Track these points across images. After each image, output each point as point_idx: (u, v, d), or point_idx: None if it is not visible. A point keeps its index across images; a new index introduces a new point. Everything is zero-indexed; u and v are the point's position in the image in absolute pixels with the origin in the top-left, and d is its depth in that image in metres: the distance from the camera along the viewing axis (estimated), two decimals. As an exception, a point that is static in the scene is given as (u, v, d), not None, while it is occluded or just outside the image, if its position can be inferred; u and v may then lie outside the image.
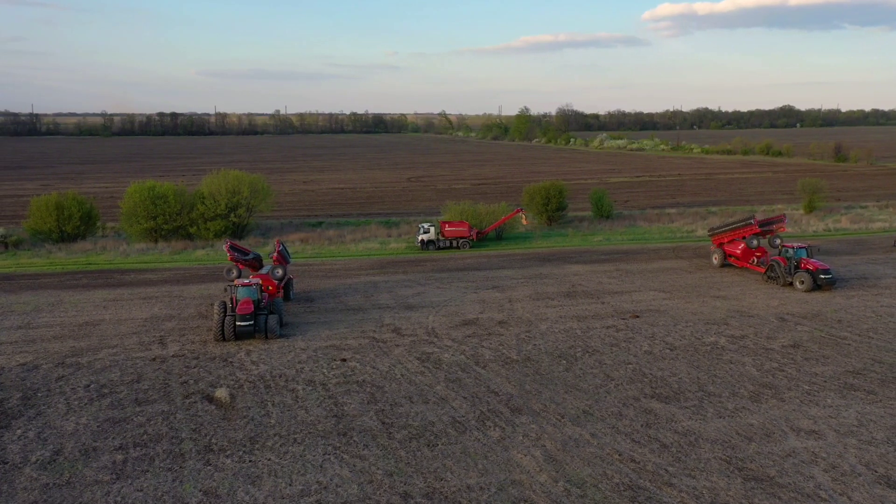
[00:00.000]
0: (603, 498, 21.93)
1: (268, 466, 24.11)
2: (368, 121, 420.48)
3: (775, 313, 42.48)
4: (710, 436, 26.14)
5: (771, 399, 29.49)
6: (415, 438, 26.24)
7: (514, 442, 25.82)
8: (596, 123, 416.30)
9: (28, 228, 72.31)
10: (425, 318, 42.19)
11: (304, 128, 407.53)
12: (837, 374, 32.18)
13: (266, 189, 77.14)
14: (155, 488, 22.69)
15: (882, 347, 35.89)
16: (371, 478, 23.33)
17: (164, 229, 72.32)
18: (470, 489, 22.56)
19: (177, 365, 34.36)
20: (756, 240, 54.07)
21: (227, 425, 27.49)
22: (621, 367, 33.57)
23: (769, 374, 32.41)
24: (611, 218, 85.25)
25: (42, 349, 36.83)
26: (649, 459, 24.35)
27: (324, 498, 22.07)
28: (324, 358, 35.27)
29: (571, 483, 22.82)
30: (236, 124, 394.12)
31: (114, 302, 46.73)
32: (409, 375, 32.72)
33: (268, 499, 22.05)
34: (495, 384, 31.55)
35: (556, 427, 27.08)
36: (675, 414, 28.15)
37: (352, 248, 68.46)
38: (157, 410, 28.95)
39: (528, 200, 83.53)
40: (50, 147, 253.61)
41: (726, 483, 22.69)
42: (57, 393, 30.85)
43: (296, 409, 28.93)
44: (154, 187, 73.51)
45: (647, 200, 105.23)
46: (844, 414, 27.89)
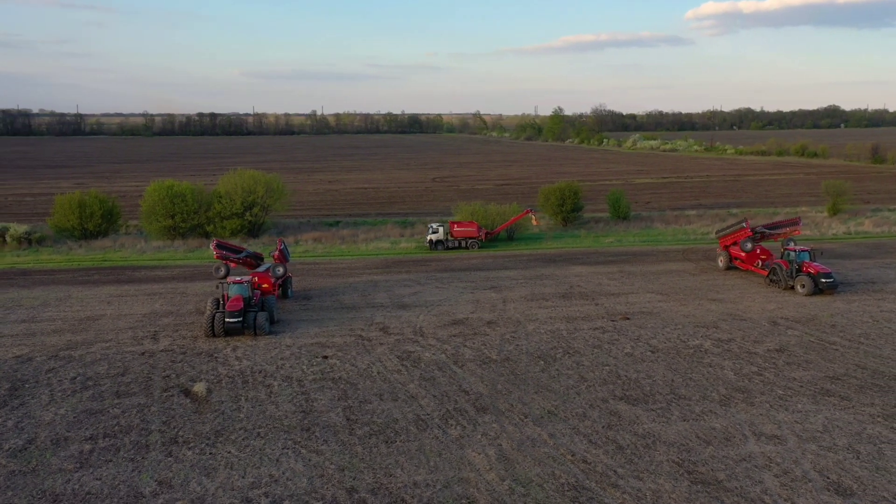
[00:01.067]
0: (545, 497, 22.08)
1: (226, 459, 24.75)
2: (404, 121, 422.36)
3: (769, 317, 41.92)
4: (669, 438, 26.06)
5: (740, 403, 29.24)
6: (375, 435, 26.66)
7: (471, 440, 26.07)
8: (633, 124, 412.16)
9: (52, 226, 74.51)
10: (416, 318, 42.59)
11: (339, 128, 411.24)
12: (815, 380, 31.73)
13: (281, 189, 78.30)
14: (113, 477, 23.49)
15: (869, 353, 35.25)
16: (322, 472, 23.81)
17: (182, 227, 73.86)
18: (416, 485, 22.89)
19: (163, 359, 35.31)
20: (750, 243, 53.33)
21: (197, 418, 28.24)
22: (598, 368, 33.55)
23: (746, 378, 32.10)
24: (628, 219, 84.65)
25: (39, 342, 38.12)
26: (601, 461, 24.40)
27: (272, 490, 22.61)
28: (306, 355, 35.89)
29: (517, 482, 23.01)
30: (273, 124, 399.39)
31: (118, 298, 48.06)
32: (386, 373, 33.15)
33: (218, 490, 22.67)
34: (468, 383, 31.81)
35: (516, 427, 27.25)
36: (639, 416, 28.10)
37: (362, 248, 69.15)
38: (134, 403, 29.84)
39: (543, 201, 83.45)
40: (91, 147, 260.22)
41: (672, 486, 22.66)
42: (44, 384, 31.98)
43: (266, 405, 29.57)
44: (172, 186, 75.18)
45: (669, 202, 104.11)
46: (812, 419, 27.54)
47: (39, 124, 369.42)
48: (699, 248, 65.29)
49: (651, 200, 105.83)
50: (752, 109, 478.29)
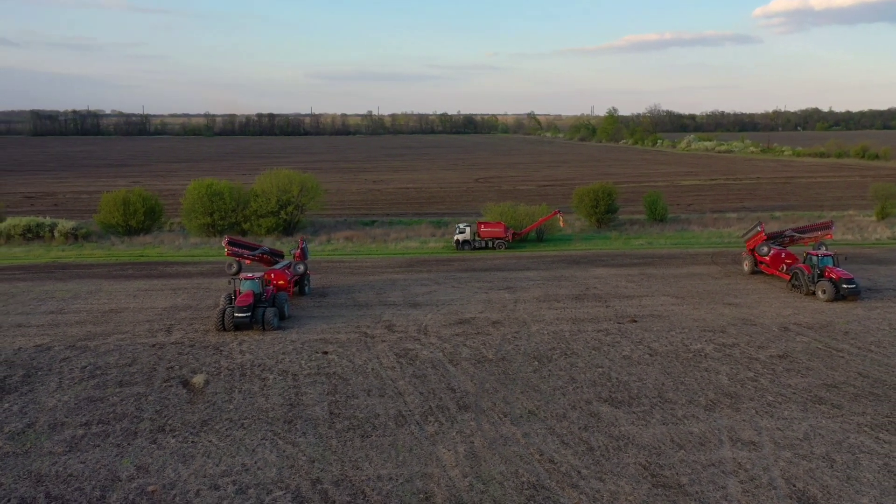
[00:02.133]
0: (502, 495, 22.35)
1: (205, 447, 25.75)
2: (458, 121, 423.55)
3: (781, 322, 41.05)
4: (643, 441, 25.97)
5: (726, 409, 28.88)
6: (353, 429, 27.30)
7: (445, 437, 26.48)
8: (692, 124, 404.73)
9: (98, 222, 77.66)
10: (423, 316, 43.13)
11: (395, 128, 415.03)
12: (811, 387, 31.05)
13: (316, 188, 79.86)
14: (96, 461, 24.72)
15: (876, 361, 34.26)
16: (293, 463, 24.57)
17: (220, 225, 76.09)
18: (380, 479, 23.44)
19: (171, 351, 36.71)
20: (767, 247, 52.29)
21: (189, 408, 29.37)
22: (590, 370, 33.51)
23: (739, 383, 31.63)
24: (665, 221, 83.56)
25: (61, 332, 40.05)
26: (568, 461, 24.51)
27: (240, 479, 23.47)
28: (307, 350, 36.81)
29: (479, 479, 23.33)
30: (330, 125, 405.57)
31: (144, 292, 49.98)
32: (379, 370, 33.80)
33: (190, 476, 23.65)
34: (457, 382, 32.20)
35: (493, 425, 27.53)
36: (618, 418, 28.05)
37: (390, 247, 70.05)
38: (134, 392, 31.19)
39: (577, 203, 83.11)
40: (153, 146, 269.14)
41: (631, 488, 22.64)
42: (55, 372, 33.66)
43: (257, 397, 30.53)
44: (211, 185, 77.56)
45: (712, 204, 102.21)
46: (795, 427, 27.03)
47: (108, 124, 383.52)
48: (729, 252, 64.07)
49: (693, 203, 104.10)
50: (820, 109, 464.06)
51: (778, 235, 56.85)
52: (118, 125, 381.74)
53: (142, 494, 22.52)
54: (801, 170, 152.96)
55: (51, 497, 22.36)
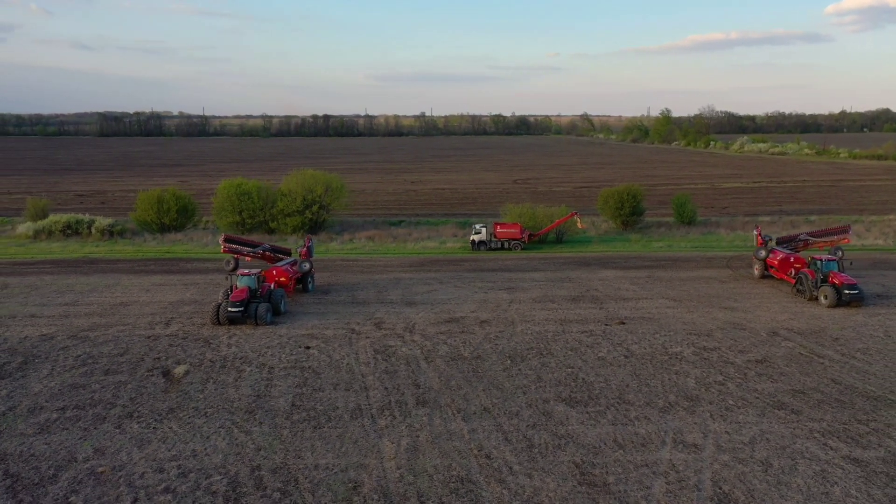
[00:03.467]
0: (427, 488, 22.96)
1: (163, 434, 27.05)
2: (511, 123, 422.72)
3: (772, 327, 40.44)
4: (585, 441, 26.19)
5: (681, 411, 28.82)
6: (308, 420, 28.26)
7: (393, 431, 27.19)
8: (751, 126, 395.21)
9: (134, 220, 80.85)
10: (415, 315, 43.90)
11: (447, 130, 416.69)
12: (777, 392, 30.68)
13: (341, 188, 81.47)
14: (60, 443, 26.26)
15: (855, 368, 33.56)
16: (240, 451, 25.65)
17: (249, 223, 78.35)
18: (316, 468, 24.31)
19: (163, 343, 38.37)
20: (765, 251, 51.44)
21: (162, 397, 30.80)
22: (560, 370, 33.74)
23: (705, 387, 31.45)
24: (693, 224, 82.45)
25: (68, 323, 42.20)
26: (503, 457, 24.95)
27: (186, 463, 24.66)
28: (292, 345, 37.99)
29: (410, 471, 23.98)
30: (383, 126, 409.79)
31: (158, 286, 52.08)
32: (354, 365, 34.71)
33: (140, 460, 24.95)
34: (425, 378, 32.86)
35: (444, 420, 28.12)
36: (570, 417, 28.30)
37: (409, 247, 71.04)
38: (116, 380, 32.81)
39: (601, 204, 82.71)
40: (210, 147, 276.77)
41: (556, 485, 22.97)
42: (51, 360, 35.62)
43: (228, 388, 31.79)
44: (241, 184, 79.99)
45: (748, 207, 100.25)
46: (744, 431, 26.85)
47: (169, 126, 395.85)
48: (746, 256, 62.93)
49: (729, 206, 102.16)
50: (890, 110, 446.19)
51: (791, 239, 55.76)
52: (179, 126, 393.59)
53: (91, 475, 23.89)
54: (854, 172, 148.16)
55: (7, 474, 23.92)
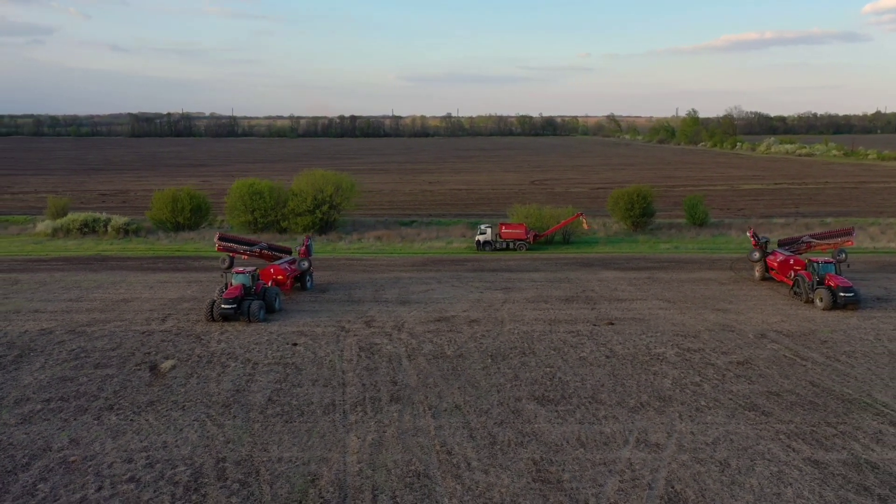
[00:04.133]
0: (383, 482, 23.39)
1: (139, 426, 27.83)
2: (538, 123, 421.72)
3: (761, 329, 40.22)
4: (549, 439, 26.42)
5: (650, 411, 28.90)
6: (281, 415, 28.86)
7: (361, 426, 27.67)
8: (781, 126, 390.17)
9: (150, 218, 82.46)
10: (407, 313, 44.35)
11: (473, 130, 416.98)
12: (751, 394, 30.60)
13: (351, 188, 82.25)
14: (38, 433, 27.15)
15: (836, 371, 33.32)
16: (210, 443, 26.30)
17: (261, 222, 79.54)
18: (280, 460, 24.87)
19: (156, 339, 39.29)
20: (758, 253, 51.18)
21: (144, 390, 31.62)
22: (538, 369, 33.96)
23: (680, 388, 31.47)
24: (705, 226, 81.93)
25: (68, 318, 43.36)
26: (464, 453, 25.28)
27: (155, 454, 25.37)
28: (280, 341, 38.66)
29: (370, 466, 24.44)
30: (409, 126, 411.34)
31: (162, 284, 53.20)
32: (336, 362, 35.27)
33: (112, 450, 25.72)
34: (403, 376, 33.30)
35: (413, 417, 28.53)
36: (538, 416, 28.54)
37: (415, 247, 71.57)
38: (104, 374, 33.73)
39: (611, 205, 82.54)
40: (237, 147, 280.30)
41: (510, 481, 23.25)
42: (45, 354, 36.69)
43: (210, 383, 32.52)
44: (253, 184, 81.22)
45: (765, 209, 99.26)
46: (709, 431, 26.87)
47: (199, 126, 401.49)
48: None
49: (745, 207, 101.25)
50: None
51: (793, 241, 55.28)
52: (208, 127, 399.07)
53: (62, 464, 24.69)
54: (880, 174, 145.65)
55: (-17, 462, 24.83)
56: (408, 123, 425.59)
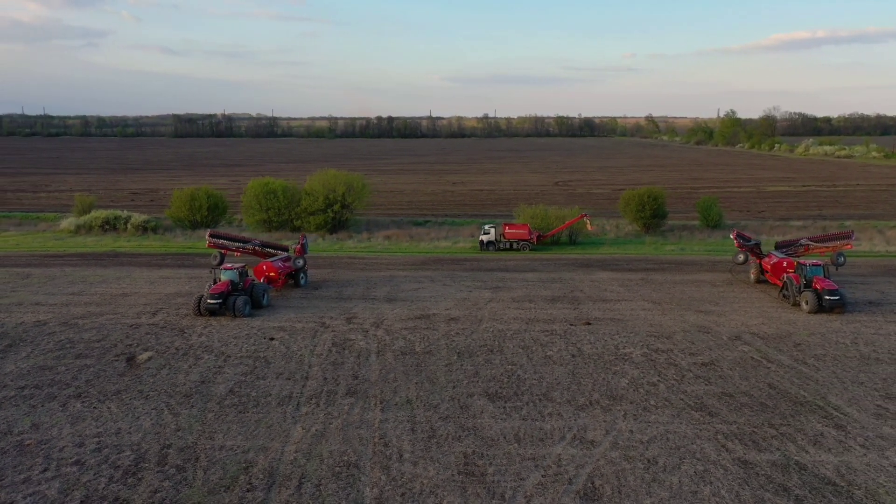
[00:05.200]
0: (313, 471, 24.15)
1: (99, 413, 29.07)
2: (575, 124, 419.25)
3: (737, 331, 39.99)
4: (488, 434, 26.89)
5: (597, 410, 29.14)
6: (237, 406, 29.84)
7: (310, 418, 28.49)
8: (826, 128, 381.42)
9: (169, 216, 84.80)
10: (390, 311, 45.10)
11: (510, 131, 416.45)
12: (705, 395, 30.61)
13: (362, 188, 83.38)
14: (4, 418, 28.55)
15: (800, 374, 33.07)
16: (161, 430, 27.39)
17: (275, 221, 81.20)
18: (221, 448, 25.82)
19: (142, 331, 40.72)
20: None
21: (116, 380, 32.92)
22: (500, 367, 34.39)
23: (635, 387, 31.61)
24: (719, 228, 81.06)
25: (65, 311, 45.12)
26: (400, 445, 25.91)
27: (105, 440, 26.54)
28: (258, 336, 39.75)
29: (305, 455, 25.23)
30: (447, 127, 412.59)
31: (163, 279, 54.88)
32: (306, 356, 36.18)
33: (67, 435, 26.96)
34: (366, 371, 34.05)
35: (363, 410, 29.25)
36: (485, 411, 29.01)
37: (421, 246, 72.35)
38: (82, 364, 35.17)
39: (623, 207, 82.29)
40: (273, 148, 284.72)
41: (435, 473, 23.81)
42: (33, 344, 38.33)
43: (179, 374, 33.69)
44: (267, 183, 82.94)
45: (787, 211, 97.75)
46: (648, 430, 27.03)
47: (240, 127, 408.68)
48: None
49: (766, 210, 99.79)
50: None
51: (791, 244, 54.61)
52: (249, 128, 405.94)
53: (18, 446, 26.00)
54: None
55: (-55, 443, 26.28)
56: (444, 124, 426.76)
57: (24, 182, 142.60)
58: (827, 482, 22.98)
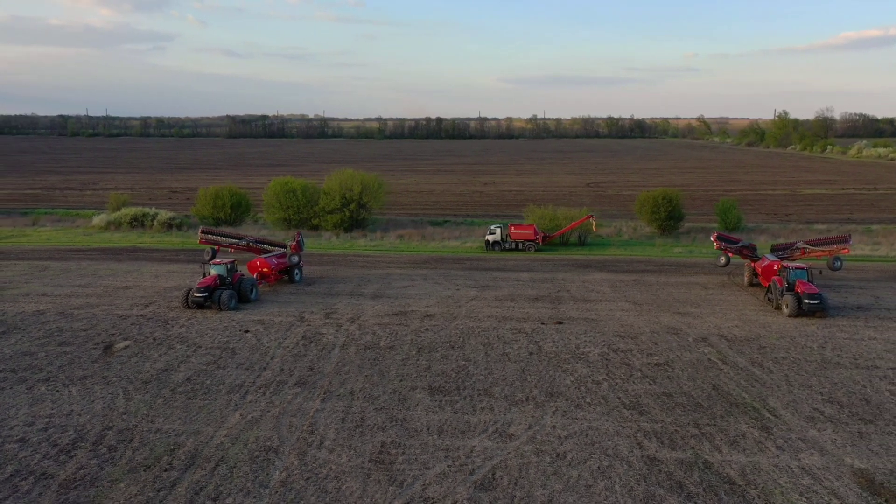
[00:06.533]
0: (233, 454, 25.35)
1: (59, 395, 30.86)
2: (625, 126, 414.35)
3: (706, 333, 39.81)
4: (414, 425, 27.69)
5: (530, 406, 29.64)
6: (188, 392, 31.29)
7: (251, 406, 29.74)
8: (889, 129, 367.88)
9: (195, 213, 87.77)
10: (371, 307, 46.18)
11: (559, 132, 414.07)
12: (643, 394, 30.79)
13: (378, 187, 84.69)
14: (-28, 398, 30.63)
15: (750, 376, 32.90)
16: (108, 413, 28.99)
17: (294, 219, 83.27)
18: (158, 431, 27.25)
19: (129, 322, 42.71)
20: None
21: (88, 366, 34.79)
22: (455, 362, 35.10)
23: (577, 385, 31.95)
24: (736, 230, 79.75)
25: (65, 302, 47.54)
26: (324, 433, 26.93)
27: (54, 420, 28.25)
28: (235, 328, 41.29)
29: (232, 440, 26.45)
30: (495, 128, 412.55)
31: (168, 273, 57.12)
32: (272, 348, 37.51)
33: (24, 415, 28.77)
34: (324, 363, 35.19)
35: (304, 399, 30.37)
36: (420, 404, 29.80)
37: (429, 245, 73.32)
38: (62, 351, 37.20)
39: (638, 208, 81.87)
40: (320, 148, 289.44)
41: (347, 460, 24.74)
42: (25, 331, 40.63)
43: (147, 362, 35.38)
44: (288, 182, 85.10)
45: (815, 214, 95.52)
46: (570, 426, 27.43)
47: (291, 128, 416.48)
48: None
49: (794, 213, 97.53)
50: None
51: (787, 247, 53.80)
52: (300, 128, 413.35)
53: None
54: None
55: (-90, 419, 28.37)
56: (493, 125, 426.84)
57: (74, 180, 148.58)
58: (726, 481, 23.09)
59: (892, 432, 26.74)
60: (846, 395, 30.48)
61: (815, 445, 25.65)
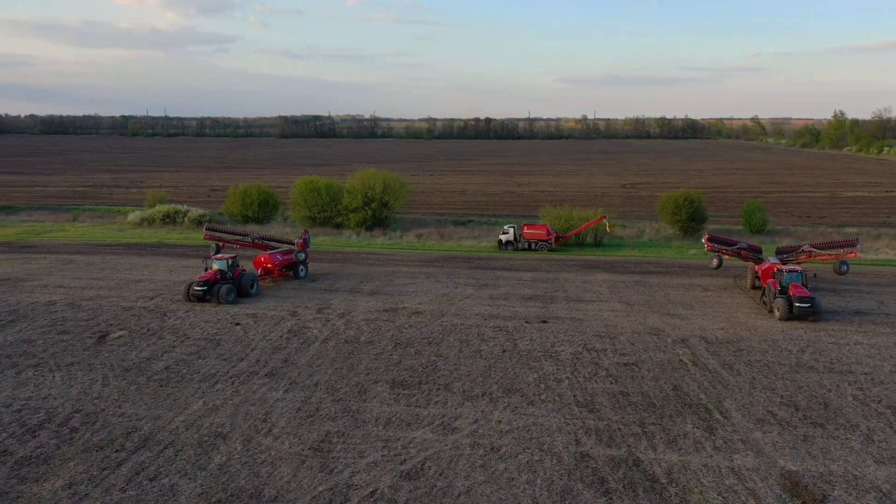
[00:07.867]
0: (184, 438, 26.57)
1: (42, 380, 32.64)
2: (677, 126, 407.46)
3: (687, 335, 39.60)
4: (365, 416, 28.49)
5: (484, 401, 30.13)
6: (163, 381, 32.72)
7: (217, 394, 30.97)
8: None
9: (225, 211, 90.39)
10: (364, 304, 47.19)
11: (609, 132, 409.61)
12: (600, 393, 30.97)
13: (400, 187, 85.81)
14: (-38, 381, 32.67)
15: (716, 379, 32.72)
16: (82, 398, 30.58)
17: (318, 217, 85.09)
18: (121, 416, 28.69)
19: (130, 313, 44.63)
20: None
21: (78, 354, 36.62)
22: (425, 357, 35.79)
23: (539, 383, 32.30)
24: (763, 233, 78.47)
25: (76, 293, 49.85)
26: (276, 422, 27.96)
27: (30, 403, 29.97)
28: (227, 321, 42.78)
29: (186, 425, 27.68)
30: (544, 129, 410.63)
31: (182, 268, 59.21)
32: (256, 342, 38.80)
33: (5, 397, 30.59)
34: (301, 356, 36.30)
35: (269, 390, 31.48)
36: (377, 396, 30.60)
37: (445, 244, 74.06)
38: (60, 339, 39.20)
39: (659, 210, 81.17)
40: (367, 148, 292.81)
41: (288, 447, 25.70)
42: (32, 320, 42.86)
43: (134, 351, 37.04)
44: (313, 181, 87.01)
45: (850, 218, 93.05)
46: (514, 421, 27.86)
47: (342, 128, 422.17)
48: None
49: (828, 216, 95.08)
50: None
51: (792, 250, 52.81)
52: (351, 128, 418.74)
53: (-43, 404, 29.83)
54: None
55: None
56: (542, 126, 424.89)
57: (123, 178, 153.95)
58: (649, 478, 23.25)
59: (839, 437, 26.39)
60: (806, 399, 30.11)
61: (753, 447, 25.53)
